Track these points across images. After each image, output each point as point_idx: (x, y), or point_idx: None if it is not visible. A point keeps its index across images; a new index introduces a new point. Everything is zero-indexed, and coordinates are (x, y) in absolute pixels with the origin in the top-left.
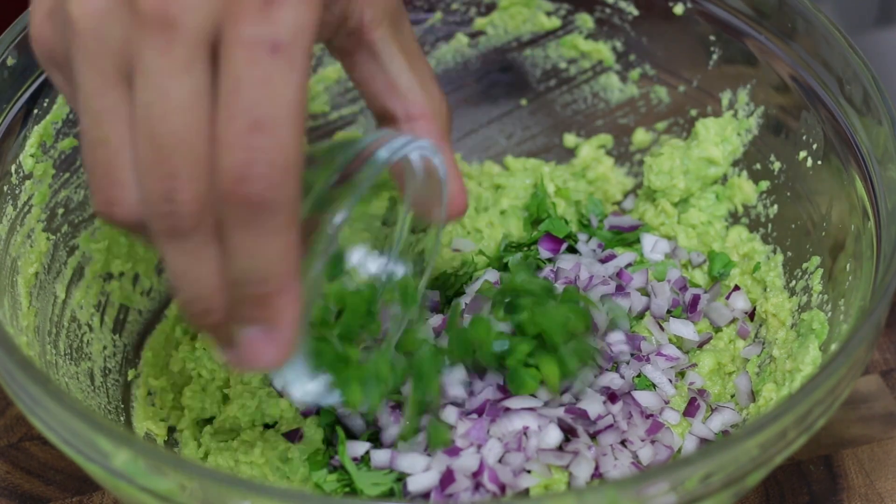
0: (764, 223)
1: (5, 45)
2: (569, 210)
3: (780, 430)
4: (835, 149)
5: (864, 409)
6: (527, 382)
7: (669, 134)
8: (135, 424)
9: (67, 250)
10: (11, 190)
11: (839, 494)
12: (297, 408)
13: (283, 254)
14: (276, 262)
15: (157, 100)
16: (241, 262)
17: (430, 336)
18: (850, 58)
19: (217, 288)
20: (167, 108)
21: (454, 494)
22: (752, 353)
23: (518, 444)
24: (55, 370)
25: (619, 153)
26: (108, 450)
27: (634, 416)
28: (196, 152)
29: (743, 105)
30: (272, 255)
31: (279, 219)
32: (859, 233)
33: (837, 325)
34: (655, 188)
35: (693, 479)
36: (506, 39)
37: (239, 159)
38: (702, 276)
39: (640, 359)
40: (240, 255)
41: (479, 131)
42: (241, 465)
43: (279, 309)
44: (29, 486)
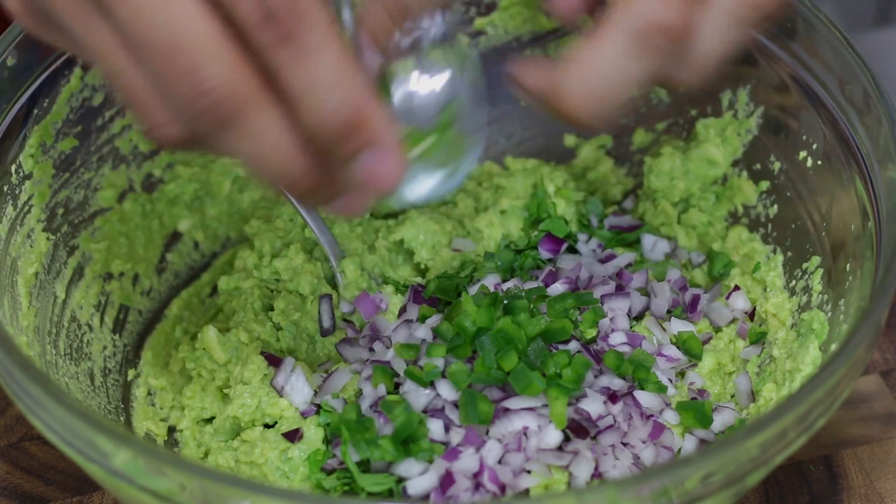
0: (764, 223)
1: (5, 45)
2: (569, 210)
3: (780, 430)
4: (835, 149)
5: (864, 409)
6: (532, 384)
7: (669, 134)
8: (135, 424)
9: (67, 250)
10: (11, 190)
11: (839, 494)
12: (297, 407)
13: (341, 65)
14: (339, 79)
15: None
16: (309, 101)
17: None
18: (850, 58)
19: (298, 150)
20: (146, 15)
21: (454, 496)
22: (752, 354)
23: (518, 444)
24: (55, 370)
25: (619, 153)
26: (108, 450)
27: (635, 418)
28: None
29: (743, 105)
30: (332, 73)
31: (316, 33)
32: (859, 233)
33: (837, 325)
34: (655, 188)
35: (693, 479)
36: (506, 39)
37: (251, 4)
38: (702, 276)
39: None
40: (305, 93)
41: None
42: (241, 465)
43: (373, 122)
44: (29, 486)
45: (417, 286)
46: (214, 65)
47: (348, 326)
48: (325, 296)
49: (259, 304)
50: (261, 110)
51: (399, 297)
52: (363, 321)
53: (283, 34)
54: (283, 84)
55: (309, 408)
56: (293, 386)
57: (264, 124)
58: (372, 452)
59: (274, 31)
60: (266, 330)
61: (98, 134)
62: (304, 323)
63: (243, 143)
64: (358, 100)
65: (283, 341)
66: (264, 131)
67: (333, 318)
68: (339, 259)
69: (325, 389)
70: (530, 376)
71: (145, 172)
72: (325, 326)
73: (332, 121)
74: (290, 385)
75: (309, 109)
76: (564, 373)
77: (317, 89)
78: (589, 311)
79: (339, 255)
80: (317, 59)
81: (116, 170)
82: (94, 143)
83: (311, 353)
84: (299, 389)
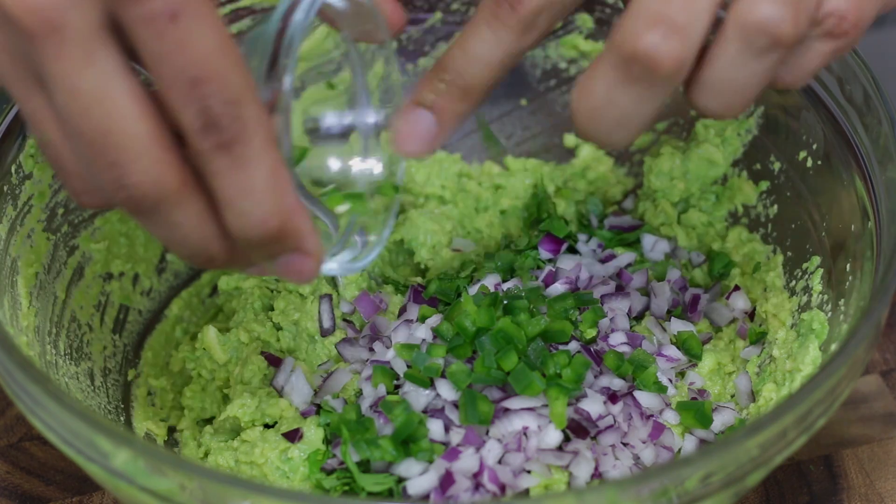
0: (764, 223)
1: None
2: (569, 210)
3: (780, 430)
4: (835, 149)
5: (864, 409)
6: (532, 384)
7: (669, 134)
8: (135, 424)
9: (67, 250)
10: (11, 190)
11: (839, 494)
12: (297, 407)
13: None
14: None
15: (69, 101)
16: (239, 207)
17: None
18: (850, 58)
19: (215, 238)
20: (81, 104)
21: (454, 496)
22: (752, 354)
23: (518, 444)
24: (55, 370)
25: (619, 153)
26: (108, 450)
27: (634, 418)
28: (129, 134)
29: None
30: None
31: (255, 145)
32: (859, 233)
33: (837, 325)
34: (655, 188)
35: (693, 479)
36: None
37: (193, 113)
38: (702, 276)
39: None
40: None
41: (480, 131)
42: (241, 465)
43: (299, 232)
44: (29, 486)
45: (417, 286)
46: (140, 163)
47: (348, 326)
48: (325, 296)
49: (259, 304)
50: (180, 206)
51: (399, 297)
52: (363, 321)
53: (222, 143)
54: (214, 186)
55: (309, 408)
56: (293, 386)
57: (182, 217)
58: (372, 452)
59: (214, 139)
60: (266, 330)
61: None
62: (304, 323)
63: (159, 230)
64: (286, 211)
65: (283, 341)
66: (181, 223)
67: (333, 318)
68: None
69: (325, 389)
70: (530, 376)
71: None
72: (325, 326)
73: (260, 229)
74: (290, 385)
75: (237, 215)
76: (564, 373)
77: (248, 198)
78: (589, 311)
79: None
80: (252, 169)
81: None
82: None
83: (311, 353)
84: (299, 389)
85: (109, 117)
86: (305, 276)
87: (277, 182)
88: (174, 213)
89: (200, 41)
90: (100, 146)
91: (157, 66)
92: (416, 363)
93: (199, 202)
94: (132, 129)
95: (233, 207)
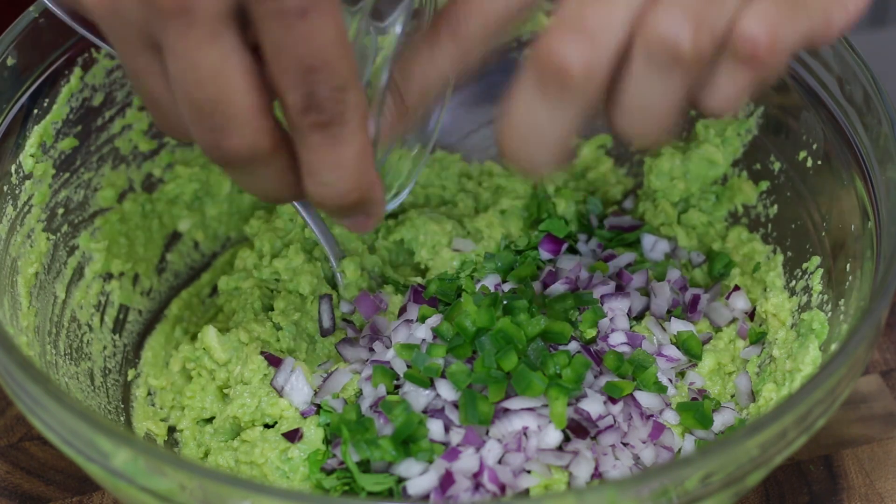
0: (764, 223)
1: (5, 45)
2: (569, 210)
3: (780, 430)
4: (835, 149)
5: (864, 409)
6: (532, 384)
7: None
8: (135, 424)
9: (67, 250)
10: (11, 190)
11: (839, 494)
12: (297, 407)
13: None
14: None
15: (187, 70)
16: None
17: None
18: (850, 58)
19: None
20: (198, 77)
21: (454, 496)
22: (752, 354)
23: (518, 444)
24: (55, 370)
25: (619, 153)
26: (108, 450)
27: (634, 418)
28: (237, 106)
29: (743, 105)
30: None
31: (350, 127)
32: (859, 233)
33: (837, 325)
34: (655, 188)
35: (693, 479)
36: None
37: (301, 95)
38: (702, 276)
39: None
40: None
41: (479, 131)
42: (241, 465)
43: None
44: (29, 486)
45: (417, 286)
46: (240, 131)
47: (348, 326)
48: (325, 296)
49: (259, 304)
50: (267, 165)
51: (399, 297)
52: (363, 321)
53: (322, 122)
54: (303, 156)
55: (309, 408)
56: (293, 386)
57: (266, 172)
58: (372, 452)
59: (314, 118)
60: (266, 330)
61: (98, 134)
62: (304, 323)
63: (240, 179)
64: (366, 186)
65: (283, 341)
66: (264, 177)
67: (333, 318)
68: (339, 259)
69: (325, 389)
70: (530, 377)
71: (145, 172)
72: (325, 326)
73: (340, 200)
74: (290, 385)
75: (320, 184)
76: (564, 373)
77: (334, 172)
78: (589, 311)
79: (339, 255)
80: (343, 148)
81: (116, 170)
82: (94, 143)
83: (311, 353)
84: (299, 389)
85: (221, 91)
86: (366, 230)
87: (363, 160)
88: (260, 170)
89: (322, 34)
90: (207, 112)
91: (278, 53)
92: (416, 363)
93: (285, 160)
94: (240, 102)
95: (318, 177)
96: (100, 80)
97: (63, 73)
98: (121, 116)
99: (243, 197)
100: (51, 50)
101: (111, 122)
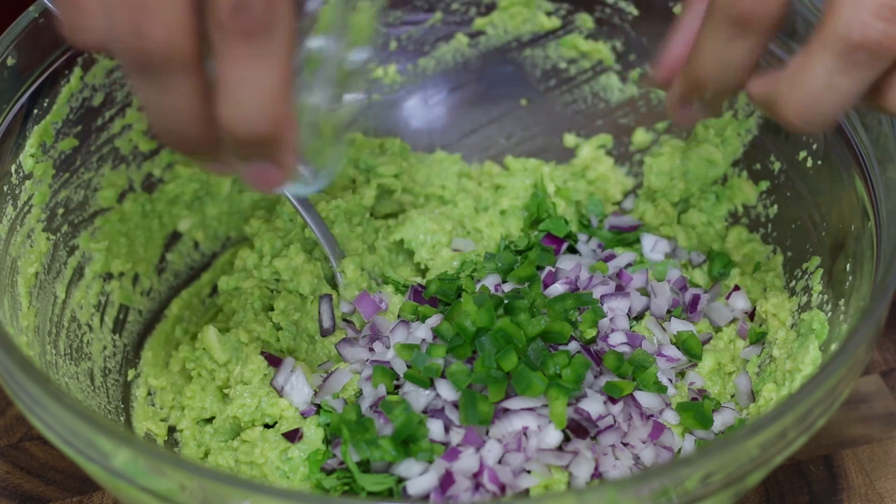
0: (764, 223)
1: (5, 46)
2: (569, 210)
3: (780, 430)
4: (835, 149)
5: (864, 409)
6: (533, 384)
7: (669, 134)
8: (135, 424)
9: (67, 250)
10: (11, 190)
11: (839, 494)
12: (297, 408)
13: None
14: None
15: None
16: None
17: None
18: None
19: (197, 119)
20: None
21: (454, 496)
22: (752, 354)
23: (518, 444)
24: (55, 370)
25: (619, 153)
26: (108, 450)
27: (634, 418)
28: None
29: (743, 105)
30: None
31: (277, 43)
32: (859, 233)
33: (837, 325)
34: (655, 188)
35: (693, 479)
36: (506, 39)
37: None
38: (702, 276)
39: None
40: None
41: (479, 131)
42: (241, 465)
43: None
44: (29, 486)
45: (417, 286)
46: (166, 16)
47: (348, 326)
48: (325, 296)
49: (259, 304)
50: (184, 74)
51: (399, 297)
52: (363, 321)
53: (247, 29)
54: (222, 70)
55: (309, 408)
56: (293, 386)
57: (181, 86)
58: (372, 452)
59: (240, 22)
60: (266, 330)
61: (98, 134)
62: (304, 323)
63: (148, 91)
64: (281, 119)
65: (283, 341)
66: (178, 93)
67: (333, 318)
68: (339, 259)
69: (325, 389)
70: (530, 377)
71: (145, 172)
72: (325, 326)
73: (252, 127)
74: (290, 385)
75: (235, 105)
76: (564, 373)
77: (252, 92)
78: (588, 311)
79: (339, 255)
80: (266, 65)
81: (116, 170)
82: (94, 143)
83: (311, 353)
84: (299, 389)
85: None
86: (271, 187)
87: (283, 87)
88: (177, 80)
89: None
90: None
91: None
92: (416, 363)
93: (201, 80)
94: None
95: (233, 97)
96: (100, 80)
97: (63, 73)
98: (121, 116)
99: (243, 197)
100: (51, 50)
101: (111, 122)
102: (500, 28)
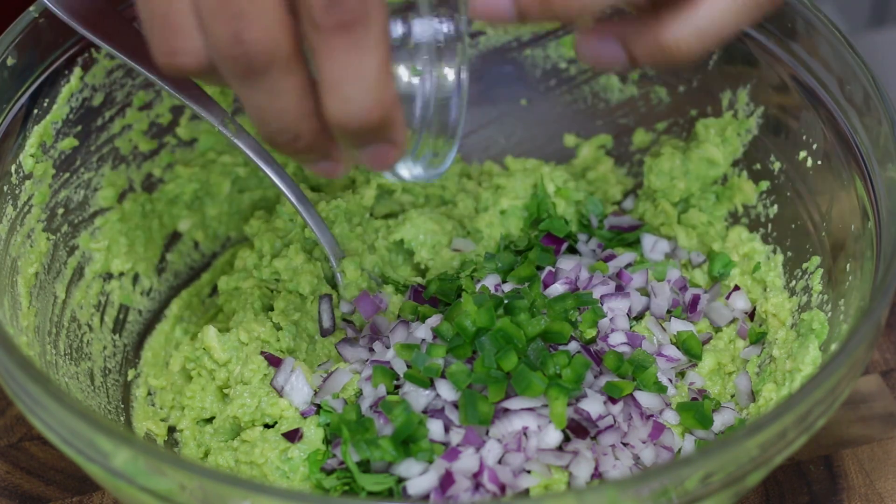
0: (764, 223)
1: (5, 46)
2: (569, 210)
3: (780, 430)
4: (835, 149)
5: (864, 409)
6: (533, 384)
7: (669, 134)
8: (135, 424)
9: (67, 250)
10: (11, 190)
11: (839, 494)
12: (297, 407)
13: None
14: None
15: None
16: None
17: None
18: (850, 58)
19: (305, 116)
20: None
21: (454, 496)
22: (752, 354)
23: (518, 444)
24: (55, 370)
25: (619, 153)
26: (108, 450)
27: (634, 418)
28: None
29: (743, 105)
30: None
31: (374, 32)
32: (859, 233)
33: (837, 325)
34: (655, 188)
35: (693, 479)
36: (506, 39)
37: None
38: (702, 276)
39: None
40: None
41: (479, 131)
42: (241, 465)
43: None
44: (29, 486)
45: (417, 286)
46: (263, 20)
47: (348, 326)
48: (325, 296)
49: (259, 304)
50: (288, 74)
51: (399, 297)
52: (363, 321)
53: (343, 23)
54: (323, 67)
55: (309, 408)
56: (293, 386)
57: (286, 86)
58: (372, 452)
59: (336, 16)
60: (266, 330)
61: (98, 134)
62: (304, 323)
63: (255, 96)
64: (389, 103)
65: (283, 341)
66: (284, 93)
67: (333, 318)
68: (339, 259)
69: (325, 389)
70: (530, 377)
71: (145, 172)
72: (325, 326)
73: (362, 117)
74: (290, 385)
75: (341, 100)
76: (564, 373)
77: (357, 84)
78: (588, 311)
79: (339, 255)
80: (367, 56)
81: (116, 170)
82: (94, 143)
83: (311, 353)
84: (299, 389)
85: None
86: (389, 163)
87: (386, 73)
88: (280, 80)
89: None
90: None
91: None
92: (416, 363)
93: (304, 76)
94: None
95: (338, 91)
96: (100, 80)
97: (63, 73)
98: (121, 116)
99: (243, 197)
100: (51, 50)
101: (111, 122)
102: (499, 28)
